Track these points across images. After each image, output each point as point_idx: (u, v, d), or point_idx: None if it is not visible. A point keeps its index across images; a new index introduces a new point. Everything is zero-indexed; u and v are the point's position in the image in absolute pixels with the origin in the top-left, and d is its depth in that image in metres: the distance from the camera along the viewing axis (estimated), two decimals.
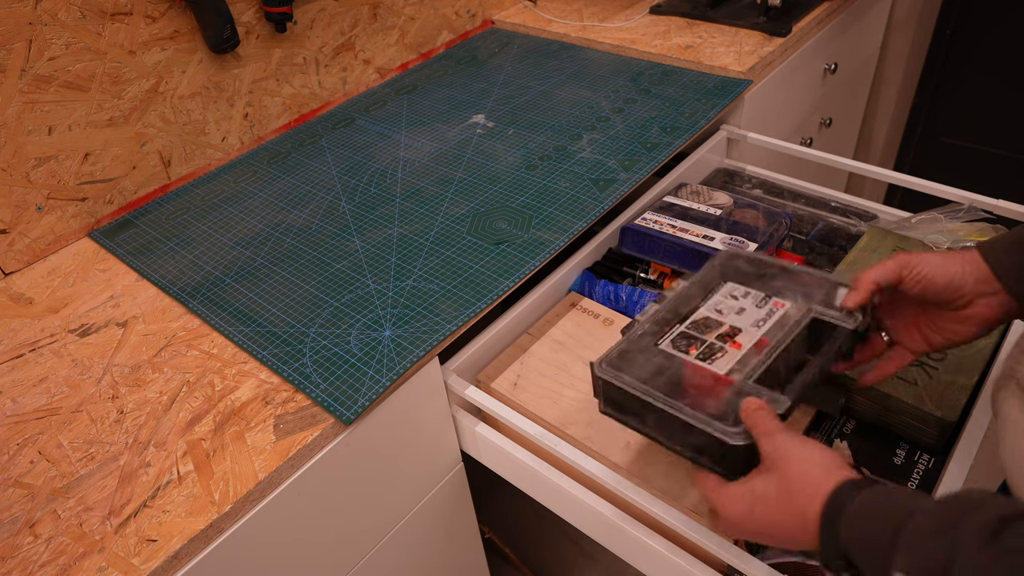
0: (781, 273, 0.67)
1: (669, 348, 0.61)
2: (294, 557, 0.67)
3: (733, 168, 1.09)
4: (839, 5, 1.34)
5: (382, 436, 0.71)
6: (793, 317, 0.62)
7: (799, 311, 0.62)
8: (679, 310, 0.65)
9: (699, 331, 0.63)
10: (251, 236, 0.90)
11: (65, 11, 0.85)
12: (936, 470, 0.66)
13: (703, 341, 0.61)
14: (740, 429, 0.52)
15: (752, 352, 0.59)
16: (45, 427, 0.68)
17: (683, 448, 0.57)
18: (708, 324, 0.63)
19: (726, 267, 0.69)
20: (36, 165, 0.88)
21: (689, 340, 0.62)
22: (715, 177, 1.07)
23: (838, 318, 0.60)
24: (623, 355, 0.61)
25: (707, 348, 0.61)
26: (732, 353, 0.60)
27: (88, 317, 0.81)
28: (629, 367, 0.59)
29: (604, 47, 1.25)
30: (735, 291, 0.66)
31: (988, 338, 0.73)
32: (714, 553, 0.60)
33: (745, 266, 0.69)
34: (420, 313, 0.75)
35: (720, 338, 0.61)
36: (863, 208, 0.98)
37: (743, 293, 0.66)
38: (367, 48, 1.20)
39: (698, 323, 0.64)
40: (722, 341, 0.61)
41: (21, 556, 0.57)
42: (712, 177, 1.07)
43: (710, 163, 1.08)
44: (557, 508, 0.75)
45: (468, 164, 0.99)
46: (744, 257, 0.70)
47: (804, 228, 0.96)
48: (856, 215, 0.97)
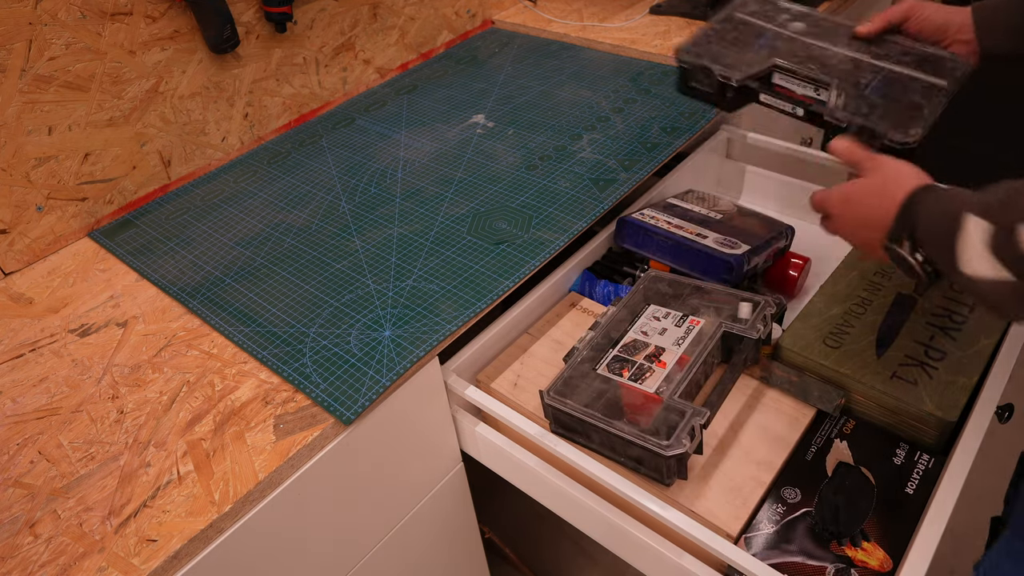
0: (696, 292, 0.78)
1: (606, 372, 0.71)
2: (294, 557, 0.67)
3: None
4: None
5: (382, 436, 0.71)
6: (707, 332, 0.73)
7: (712, 326, 0.73)
8: (611, 334, 0.75)
9: (629, 353, 0.72)
10: (251, 236, 0.90)
11: (65, 11, 0.85)
12: (936, 470, 0.66)
13: (633, 363, 0.71)
14: (671, 441, 0.61)
15: (676, 369, 0.69)
16: (45, 427, 0.68)
17: (626, 460, 0.66)
18: (636, 346, 0.73)
19: (649, 289, 0.80)
20: (36, 165, 0.88)
21: (621, 363, 0.71)
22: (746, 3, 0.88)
23: (744, 330, 0.72)
24: (567, 382, 0.70)
25: (637, 369, 0.70)
26: (659, 372, 0.69)
27: (88, 317, 0.81)
28: (573, 393, 0.69)
29: (604, 47, 1.25)
30: (657, 312, 0.77)
31: (988, 338, 0.73)
32: (714, 553, 0.60)
33: (665, 288, 0.80)
34: (420, 313, 0.75)
35: (648, 358, 0.71)
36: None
37: (664, 314, 0.76)
38: (367, 48, 1.20)
39: (628, 346, 0.73)
40: (649, 361, 0.71)
41: (21, 556, 0.57)
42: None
43: (710, 163, 1.08)
44: (557, 508, 0.75)
45: (468, 164, 0.99)
46: (665, 280, 0.81)
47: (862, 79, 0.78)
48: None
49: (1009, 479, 0.81)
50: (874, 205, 0.58)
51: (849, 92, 0.72)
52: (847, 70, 0.75)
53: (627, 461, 0.66)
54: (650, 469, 0.64)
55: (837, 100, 0.72)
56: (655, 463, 0.63)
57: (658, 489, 0.65)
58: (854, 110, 0.71)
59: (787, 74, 0.75)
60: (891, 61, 0.75)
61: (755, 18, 0.84)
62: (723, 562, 0.61)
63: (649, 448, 0.62)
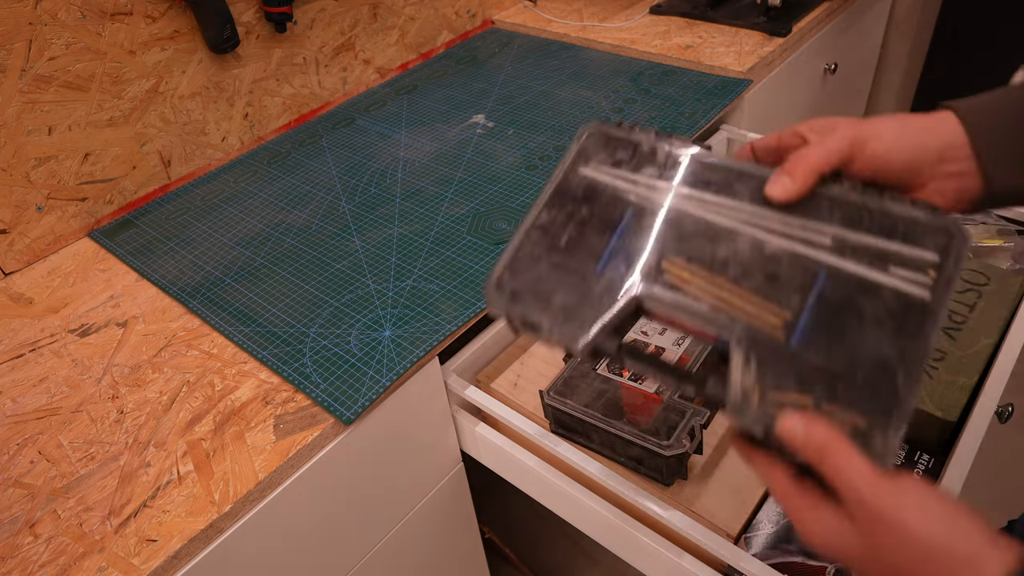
0: None
1: (605, 372, 0.70)
2: (294, 557, 0.67)
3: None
4: (839, 5, 1.34)
5: (382, 436, 0.71)
6: None
7: None
8: None
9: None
10: (251, 236, 0.90)
11: (65, 11, 0.85)
12: (936, 470, 0.66)
13: None
14: (671, 441, 0.60)
15: None
16: (45, 427, 0.68)
17: (626, 460, 0.66)
18: (636, 346, 0.70)
19: None
20: (36, 165, 0.88)
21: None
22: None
23: None
24: (567, 382, 0.70)
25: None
26: None
27: (88, 317, 0.81)
28: (573, 393, 0.68)
29: (604, 47, 1.25)
30: None
31: (988, 338, 0.73)
32: (714, 553, 0.60)
33: None
34: (420, 313, 0.75)
35: None
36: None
37: None
38: (367, 48, 1.20)
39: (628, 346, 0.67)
40: None
41: (21, 556, 0.57)
42: None
43: None
44: (557, 508, 0.75)
45: (468, 164, 0.99)
46: None
47: None
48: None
49: (1009, 479, 0.81)
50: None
51: (764, 353, 0.39)
52: (756, 292, 0.40)
53: (627, 461, 0.66)
54: (650, 469, 0.65)
55: (742, 379, 0.38)
56: (655, 463, 0.63)
57: (658, 489, 0.65)
58: (771, 400, 0.37)
59: (636, 353, 0.43)
60: (832, 249, 0.40)
61: (607, 174, 0.47)
62: (723, 562, 0.61)
63: (649, 448, 0.62)
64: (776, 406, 0.37)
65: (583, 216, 0.46)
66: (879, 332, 0.38)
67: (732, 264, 0.41)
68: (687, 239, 0.43)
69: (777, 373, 0.38)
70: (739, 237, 0.42)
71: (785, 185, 0.41)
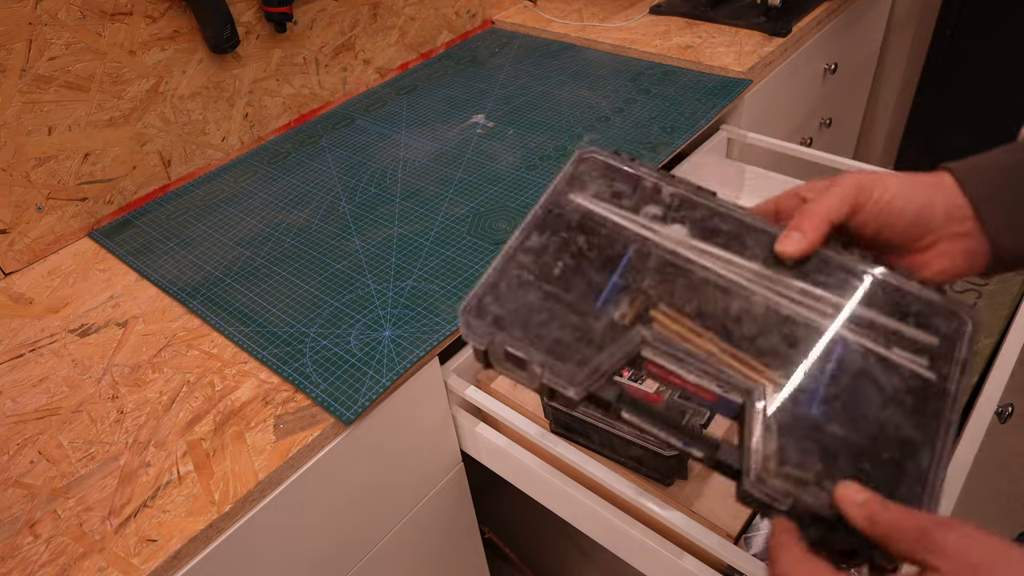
0: None
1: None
2: (294, 557, 0.67)
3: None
4: (839, 5, 1.34)
5: (382, 436, 0.71)
6: None
7: None
8: None
9: None
10: (251, 236, 0.90)
11: (65, 11, 0.85)
12: None
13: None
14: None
15: None
16: (45, 427, 0.68)
17: (625, 460, 0.65)
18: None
19: None
20: (36, 165, 0.88)
21: None
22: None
23: None
24: None
25: (637, 369, 0.63)
26: None
27: (88, 317, 0.81)
28: None
29: (604, 47, 1.25)
30: None
31: (988, 338, 0.72)
32: (714, 553, 0.60)
33: None
34: (420, 313, 0.75)
35: None
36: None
37: None
38: (367, 48, 1.20)
39: None
40: None
41: (21, 556, 0.57)
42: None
43: (710, 163, 1.08)
44: (557, 508, 0.75)
45: (468, 164, 0.99)
46: None
47: None
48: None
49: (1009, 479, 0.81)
50: None
51: (785, 426, 0.37)
52: (764, 353, 0.39)
53: (627, 461, 0.66)
54: (650, 469, 0.65)
55: (763, 447, 0.36)
56: (655, 463, 0.63)
57: (658, 489, 0.65)
58: (793, 479, 0.35)
59: (637, 411, 0.40)
60: (846, 320, 0.39)
61: (606, 207, 0.46)
62: (723, 562, 0.61)
63: (649, 448, 0.62)
64: (804, 481, 0.35)
65: (579, 246, 0.43)
66: (899, 410, 0.37)
67: (745, 321, 0.39)
68: (692, 290, 0.41)
69: (799, 443, 0.36)
70: (749, 295, 0.40)
71: (796, 240, 0.40)
